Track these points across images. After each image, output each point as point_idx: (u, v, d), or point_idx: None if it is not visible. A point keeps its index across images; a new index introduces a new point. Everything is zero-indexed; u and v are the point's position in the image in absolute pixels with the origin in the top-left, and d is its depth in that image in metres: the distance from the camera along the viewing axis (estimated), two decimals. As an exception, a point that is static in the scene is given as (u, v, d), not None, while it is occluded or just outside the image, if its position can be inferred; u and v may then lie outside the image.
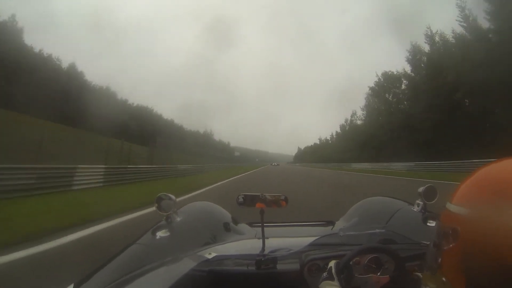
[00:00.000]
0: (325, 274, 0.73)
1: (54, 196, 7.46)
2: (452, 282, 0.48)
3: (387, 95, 35.20)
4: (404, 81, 33.45)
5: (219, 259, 0.90)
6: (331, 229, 1.47)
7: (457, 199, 0.49)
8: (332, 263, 0.75)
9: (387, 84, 34.89)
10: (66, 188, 8.52)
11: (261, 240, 1.01)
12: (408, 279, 0.74)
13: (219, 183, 13.40)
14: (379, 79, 36.49)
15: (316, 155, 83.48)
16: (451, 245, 0.47)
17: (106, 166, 11.02)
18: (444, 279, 0.50)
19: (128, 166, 13.00)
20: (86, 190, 9.08)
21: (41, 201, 6.54)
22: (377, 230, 1.01)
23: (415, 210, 1.26)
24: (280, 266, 0.85)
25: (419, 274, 0.77)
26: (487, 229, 0.42)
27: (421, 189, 1.24)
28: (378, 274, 0.75)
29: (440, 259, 0.50)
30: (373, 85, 37.65)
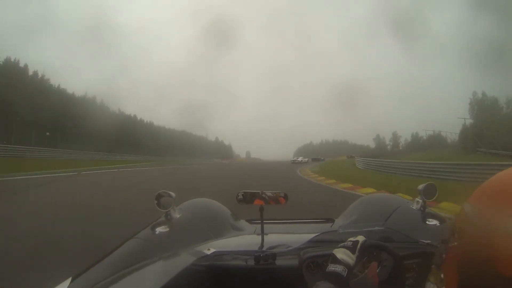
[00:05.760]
0: (349, 242, 0.69)
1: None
2: (448, 281, 0.49)
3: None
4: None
5: (218, 255, 0.90)
6: (331, 226, 1.47)
7: (471, 199, 0.49)
8: (361, 238, 0.71)
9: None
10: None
11: (260, 236, 1.01)
12: (406, 277, 0.75)
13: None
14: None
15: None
16: (454, 243, 0.48)
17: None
18: (442, 276, 0.51)
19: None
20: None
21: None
22: (376, 228, 1.01)
23: (414, 208, 1.26)
24: (278, 262, 0.85)
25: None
26: (487, 233, 0.41)
27: (421, 187, 1.24)
28: (377, 270, 0.75)
29: (444, 255, 0.51)
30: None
